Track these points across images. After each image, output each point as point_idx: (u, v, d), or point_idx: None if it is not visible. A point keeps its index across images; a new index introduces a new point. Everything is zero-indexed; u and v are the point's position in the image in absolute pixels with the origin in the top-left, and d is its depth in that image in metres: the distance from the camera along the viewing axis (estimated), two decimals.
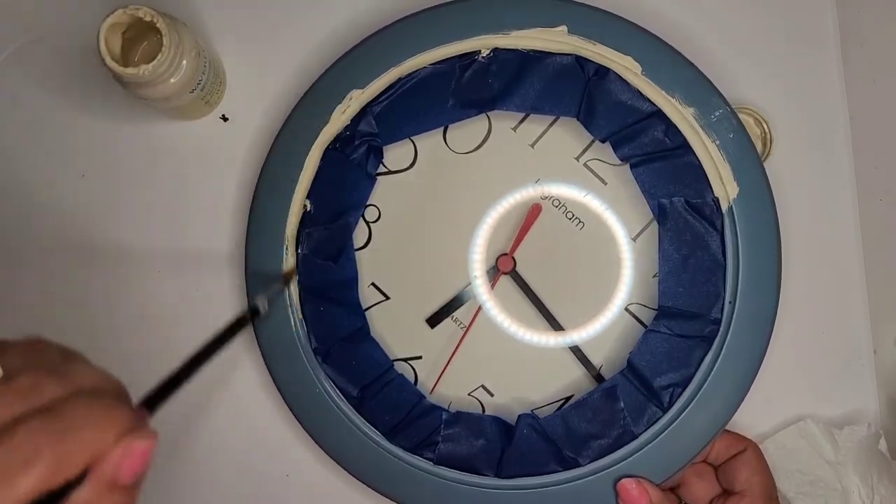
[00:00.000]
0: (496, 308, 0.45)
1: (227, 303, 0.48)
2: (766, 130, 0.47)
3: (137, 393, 0.27)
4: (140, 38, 0.44)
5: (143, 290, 0.48)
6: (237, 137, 0.49)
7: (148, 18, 0.40)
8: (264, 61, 0.49)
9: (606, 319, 0.45)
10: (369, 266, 0.46)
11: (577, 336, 0.45)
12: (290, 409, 0.45)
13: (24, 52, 0.49)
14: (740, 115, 0.46)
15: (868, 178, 0.48)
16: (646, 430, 0.43)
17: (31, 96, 0.49)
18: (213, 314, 0.48)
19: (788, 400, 0.48)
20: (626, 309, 0.45)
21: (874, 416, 0.48)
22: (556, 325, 0.45)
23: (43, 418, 0.23)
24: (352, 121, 0.44)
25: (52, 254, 0.48)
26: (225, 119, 0.49)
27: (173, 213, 0.48)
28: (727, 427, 0.43)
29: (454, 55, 0.44)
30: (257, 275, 0.44)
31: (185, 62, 0.42)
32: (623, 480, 0.42)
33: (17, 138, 0.49)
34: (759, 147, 0.47)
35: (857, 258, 0.49)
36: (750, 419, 0.47)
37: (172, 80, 0.41)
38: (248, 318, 0.34)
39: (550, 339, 0.45)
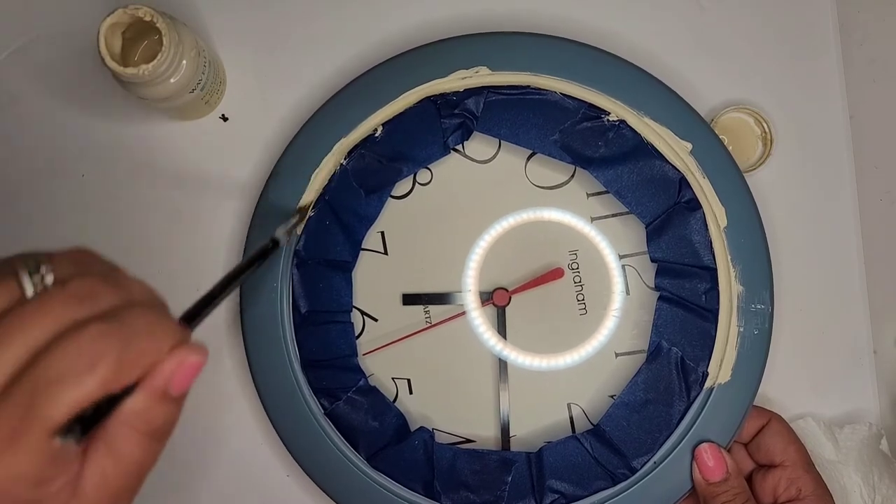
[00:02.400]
0: (480, 324, 0.46)
1: (226, 302, 0.48)
2: (767, 130, 0.47)
3: None
4: (140, 38, 0.44)
5: None
6: (237, 137, 0.49)
7: (148, 18, 0.40)
8: (264, 61, 0.49)
9: (543, 407, 0.46)
10: (387, 219, 0.47)
11: (505, 404, 0.46)
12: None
13: (24, 52, 0.49)
14: (740, 115, 0.47)
15: (868, 178, 0.48)
16: None
17: (30, 96, 0.49)
18: (212, 314, 0.48)
19: (789, 400, 0.48)
20: (569, 404, 0.46)
21: (874, 416, 0.48)
22: (503, 375, 0.46)
23: (106, 323, 0.23)
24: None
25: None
26: (225, 119, 0.49)
27: (173, 213, 0.49)
28: None
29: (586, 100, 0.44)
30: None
31: (184, 62, 0.42)
32: (701, 446, 0.42)
33: (17, 138, 0.49)
34: (759, 147, 0.48)
35: (857, 258, 0.49)
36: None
37: (172, 80, 0.42)
38: (271, 247, 0.35)
39: (487, 387, 0.46)
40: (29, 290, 0.24)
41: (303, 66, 0.49)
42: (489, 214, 0.46)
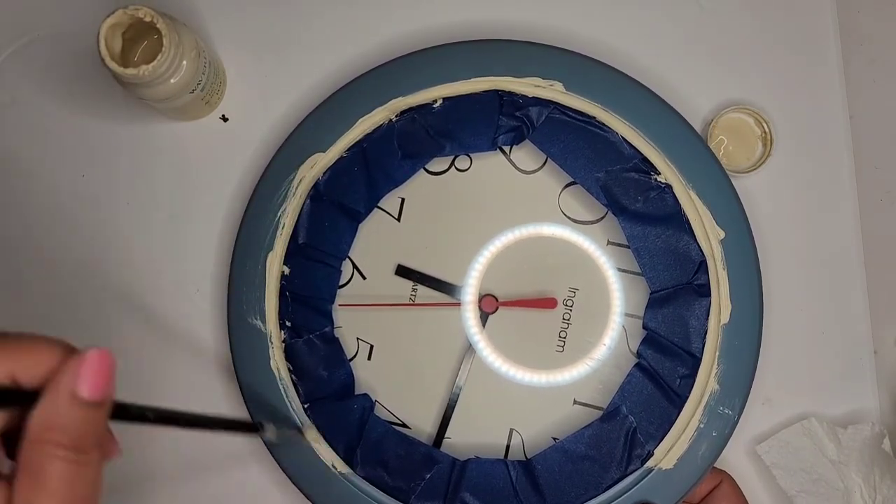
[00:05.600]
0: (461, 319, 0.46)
1: (225, 303, 0.47)
2: (767, 130, 0.47)
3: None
4: (140, 38, 0.44)
5: (143, 290, 0.48)
6: (237, 137, 0.49)
7: (148, 19, 0.40)
8: (264, 61, 0.49)
9: (487, 421, 0.45)
10: (412, 188, 0.46)
11: (451, 406, 0.45)
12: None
13: (24, 52, 0.49)
14: (740, 115, 0.47)
15: (868, 178, 0.48)
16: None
17: (30, 96, 0.49)
18: (212, 313, 0.48)
19: (789, 400, 0.48)
20: (511, 429, 0.45)
21: (875, 416, 0.48)
22: (462, 377, 0.45)
23: None
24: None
25: (51, 254, 0.49)
26: (225, 119, 0.49)
27: (173, 213, 0.49)
28: None
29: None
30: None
31: (185, 62, 0.42)
32: None
33: (16, 138, 0.49)
34: (759, 147, 0.48)
35: (857, 258, 0.49)
36: (750, 419, 0.47)
37: (172, 81, 0.42)
38: (250, 430, 0.36)
39: (441, 383, 0.46)
40: None
41: (303, 66, 0.49)
42: (509, 222, 0.46)
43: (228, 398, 0.48)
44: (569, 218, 0.46)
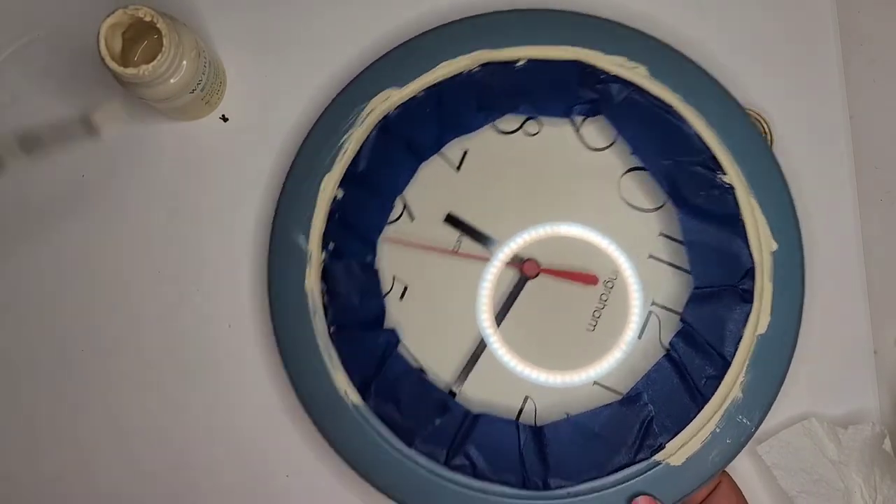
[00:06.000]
0: (488, 280, 0.46)
1: (226, 302, 0.48)
2: (767, 130, 0.47)
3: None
4: (140, 38, 0.44)
5: (143, 290, 0.49)
6: (237, 138, 0.49)
7: (148, 18, 0.40)
8: (264, 61, 0.49)
9: (503, 384, 0.45)
10: (478, 141, 0.47)
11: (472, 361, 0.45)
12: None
13: (24, 52, 0.49)
14: None
15: (868, 178, 0.48)
16: None
17: (30, 96, 0.49)
18: (212, 314, 0.48)
19: (788, 400, 0.47)
20: (527, 397, 0.45)
21: (875, 416, 0.47)
22: (488, 336, 0.45)
23: None
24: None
25: (51, 253, 0.49)
26: (225, 119, 0.49)
27: (173, 213, 0.49)
28: None
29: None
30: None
31: (185, 62, 0.42)
32: (637, 498, 0.42)
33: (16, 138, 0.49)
34: None
35: (857, 258, 0.48)
36: None
37: (172, 81, 0.42)
38: None
39: (467, 337, 0.45)
40: None
41: (303, 66, 0.49)
42: (565, 196, 0.46)
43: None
44: (625, 201, 0.46)
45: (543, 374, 0.45)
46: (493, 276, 0.46)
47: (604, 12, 0.46)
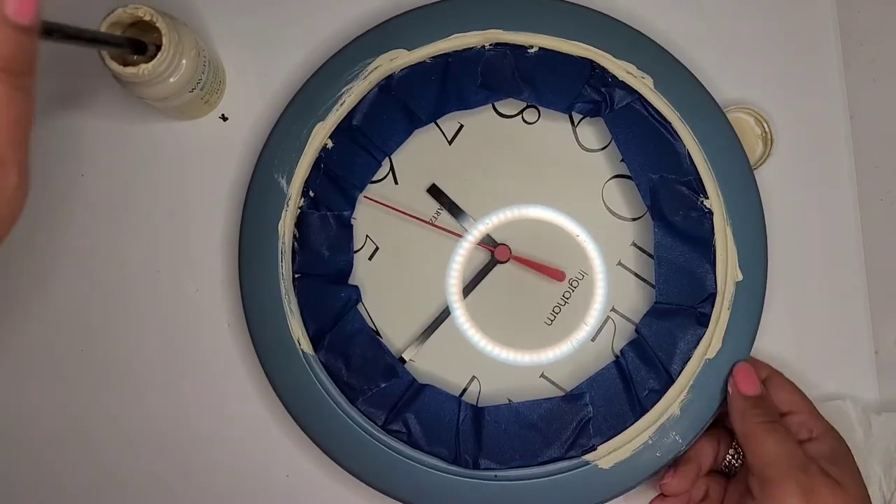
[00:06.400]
0: (460, 254, 0.46)
1: (225, 302, 0.48)
2: (767, 130, 0.48)
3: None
4: (140, 37, 0.43)
5: (142, 289, 0.48)
6: (237, 137, 0.49)
7: (148, 18, 0.40)
8: (264, 61, 0.49)
9: (453, 361, 0.46)
10: (474, 121, 0.47)
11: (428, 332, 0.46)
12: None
13: None
14: (740, 115, 0.48)
15: (868, 178, 0.49)
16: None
17: None
18: (212, 313, 0.48)
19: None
20: (474, 376, 0.46)
21: None
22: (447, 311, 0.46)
23: None
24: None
25: (51, 254, 0.48)
26: (224, 119, 0.49)
27: (172, 213, 0.48)
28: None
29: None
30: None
31: (184, 62, 0.42)
32: (739, 364, 0.43)
33: None
34: (759, 147, 0.48)
35: (858, 258, 0.49)
36: None
37: (172, 80, 0.41)
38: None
39: (426, 310, 0.46)
40: None
41: (303, 66, 0.49)
42: (550, 189, 0.47)
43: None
44: (606, 207, 0.47)
45: (497, 348, 0.46)
46: (466, 250, 0.46)
47: (623, 15, 0.46)
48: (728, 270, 0.45)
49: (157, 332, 0.48)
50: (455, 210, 0.46)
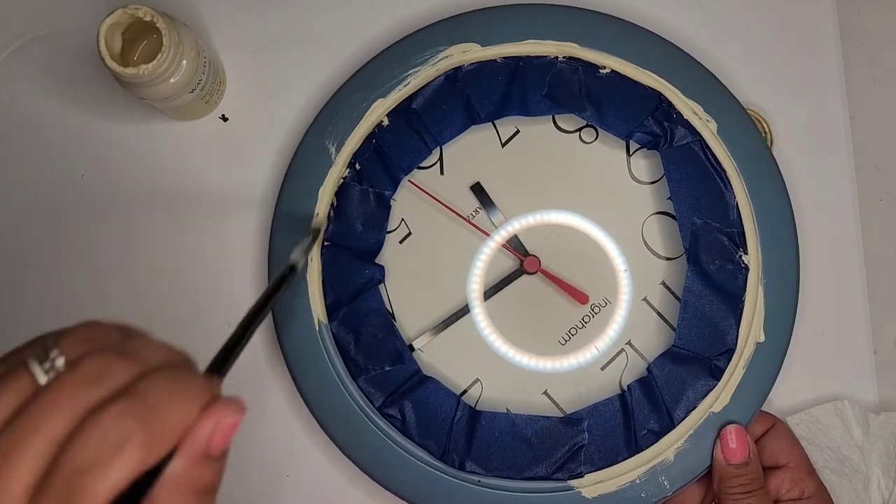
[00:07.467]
0: (486, 252, 0.46)
1: (226, 302, 0.48)
2: (767, 130, 0.48)
3: None
4: (140, 38, 0.44)
5: (143, 290, 0.48)
6: (237, 137, 0.48)
7: (148, 18, 0.40)
8: (264, 61, 0.49)
9: (459, 362, 0.46)
10: (528, 127, 0.47)
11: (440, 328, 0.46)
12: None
13: (24, 52, 0.48)
14: None
15: (868, 178, 0.48)
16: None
17: (30, 96, 0.48)
18: (212, 314, 0.48)
19: (788, 400, 0.48)
20: (477, 379, 0.46)
21: None
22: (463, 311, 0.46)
23: (124, 402, 0.22)
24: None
25: (51, 254, 0.48)
26: (225, 119, 0.49)
27: (172, 214, 0.48)
28: None
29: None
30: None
31: (184, 62, 0.41)
32: (727, 427, 0.43)
33: (16, 138, 0.48)
34: None
35: (857, 258, 0.49)
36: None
37: (172, 80, 0.41)
38: (289, 273, 0.33)
39: (444, 306, 0.46)
40: (41, 379, 0.23)
41: (303, 66, 0.49)
42: (591, 210, 0.46)
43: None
44: (644, 241, 0.46)
45: (510, 351, 0.46)
46: (492, 251, 0.46)
47: (695, 52, 0.46)
48: (752, 330, 0.44)
49: (158, 332, 0.48)
50: (493, 212, 0.46)
